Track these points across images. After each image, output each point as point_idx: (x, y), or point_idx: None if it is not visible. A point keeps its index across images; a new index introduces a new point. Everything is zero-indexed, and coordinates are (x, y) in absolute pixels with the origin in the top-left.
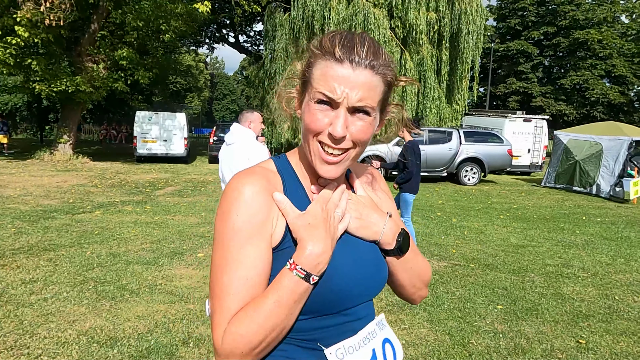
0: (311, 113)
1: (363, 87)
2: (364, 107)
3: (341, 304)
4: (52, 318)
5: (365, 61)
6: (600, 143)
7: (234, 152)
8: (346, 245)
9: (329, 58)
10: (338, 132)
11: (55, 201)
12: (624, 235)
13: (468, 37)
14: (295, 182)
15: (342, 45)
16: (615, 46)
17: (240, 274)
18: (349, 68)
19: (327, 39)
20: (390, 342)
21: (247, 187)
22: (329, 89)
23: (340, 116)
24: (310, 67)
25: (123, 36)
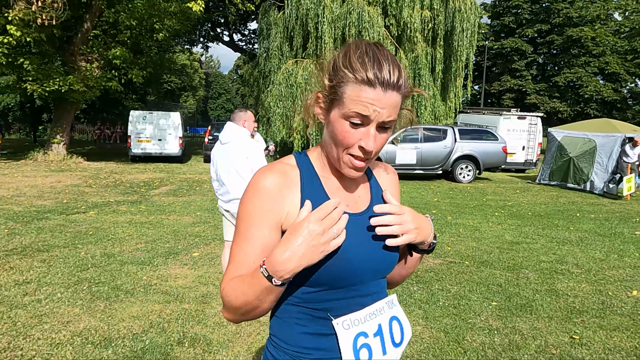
0: (344, 130)
1: (391, 106)
2: (390, 121)
3: (349, 279)
4: (45, 319)
5: (392, 83)
6: (594, 140)
7: (229, 151)
8: (358, 224)
9: (361, 81)
10: (371, 147)
11: (49, 202)
12: (617, 232)
13: (462, 35)
14: (313, 175)
15: (372, 69)
16: (609, 43)
17: (243, 247)
18: (380, 91)
19: (355, 58)
20: (399, 320)
21: (262, 179)
22: (364, 110)
23: (372, 133)
24: (341, 85)
25: (116, 35)
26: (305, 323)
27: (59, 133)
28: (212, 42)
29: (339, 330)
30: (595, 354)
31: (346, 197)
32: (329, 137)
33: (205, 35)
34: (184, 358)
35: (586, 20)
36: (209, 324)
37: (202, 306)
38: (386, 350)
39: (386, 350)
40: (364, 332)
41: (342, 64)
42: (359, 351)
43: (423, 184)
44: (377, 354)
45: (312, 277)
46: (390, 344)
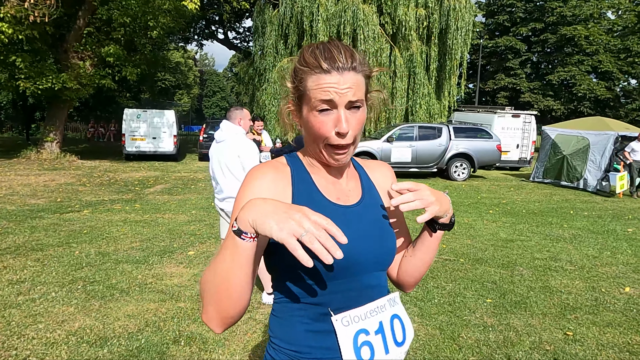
0: (317, 120)
1: (352, 86)
2: (356, 102)
3: (346, 271)
4: (40, 319)
5: (347, 65)
6: (587, 138)
7: (224, 150)
8: (352, 217)
9: (317, 71)
10: (344, 128)
11: (42, 200)
12: (610, 229)
13: (457, 34)
14: (303, 170)
15: (324, 58)
16: (602, 42)
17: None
18: (336, 75)
19: (308, 54)
20: (400, 319)
21: (256, 173)
22: (327, 95)
23: (342, 114)
24: (302, 82)
25: (110, 33)
26: (307, 320)
27: (52, 131)
28: (206, 39)
29: (338, 327)
30: (588, 350)
31: (337, 191)
32: (307, 136)
33: (200, 32)
34: (179, 357)
35: (580, 19)
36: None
37: (198, 305)
38: (389, 349)
39: (389, 349)
40: (365, 329)
41: (299, 64)
42: (360, 349)
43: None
44: (380, 353)
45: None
46: (392, 342)
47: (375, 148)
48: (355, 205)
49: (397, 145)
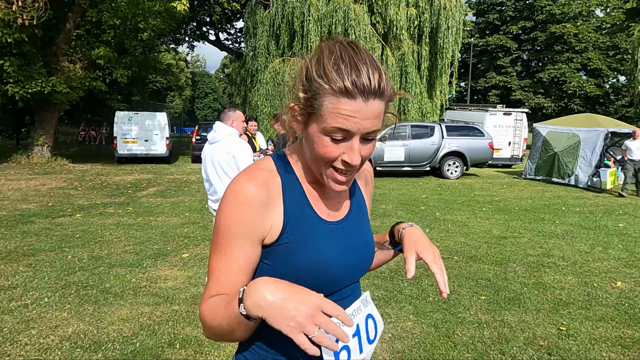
0: (324, 145)
1: (374, 116)
2: (375, 131)
3: (331, 288)
4: (33, 324)
5: (374, 90)
6: (578, 135)
7: (219, 151)
8: (340, 235)
9: (339, 93)
10: (355, 161)
11: (33, 205)
12: (601, 224)
13: (447, 33)
14: (295, 182)
15: (350, 78)
16: (591, 40)
17: (223, 264)
18: (361, 102)
19: (330, 65)
20: (373, 318)
21: (242, 191)
22: (344, 125)
23: (356, 146)
24: (317, 98)
25: (100, 35)
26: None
27: (43, 135)
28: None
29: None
30: (581, 345)
31: (327, 205)
32: (309, 152)
33: (191, 34)
34: (175, 359)
35: (569, 16)
36: (200, 325)
37: (193, 307)
38: (362, 349)
39: (362, 348)
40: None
41: (317, 74)
42: (339, 353)
43: (411, 181)
44: (355, 354)
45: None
46: (365, 341)
47: None
48: (343, 221)
49: (390, 144)
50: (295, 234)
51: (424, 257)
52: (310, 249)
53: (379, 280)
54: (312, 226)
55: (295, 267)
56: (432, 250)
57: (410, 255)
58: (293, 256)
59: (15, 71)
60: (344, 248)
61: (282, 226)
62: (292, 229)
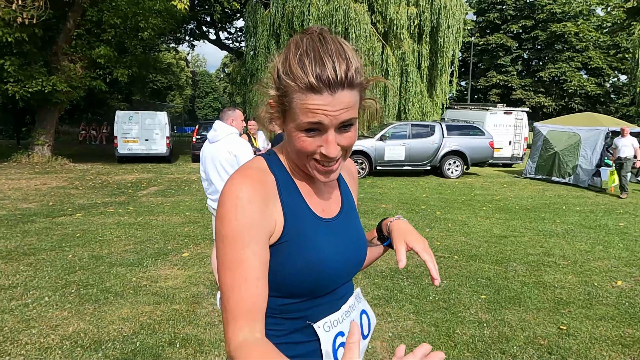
0: (301, 140)
1: (345, 107)
2: (350, 120)
3: (329, 287)
4: (33, 323)
5: (340, 81)
6: (578, 134)
7: (220, 150)
8: (334, 231)
9: (305, 89)
10: (332, 153)
11: (34, 204)
12: (602, 223)
13: (448, 32)
14: (287, 178)
15: (314, 72)
16: (591, 39)
17: (240, 274)
18: (328, 95)
19: (295, 62)
20: (367, 313)
21: (243, 192)
22: (315, 118)
23: (331, 138)
24: (287, 95)
25: (100, 34)
26: (281, 334)
27: (43, 134)
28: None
29: (321, 333)
30: (582, 344)
31: (321, 201)
32: (290, 147)
33: (191, 33)
34: (175, 359)
35: (569, 15)
36: (200, 324)
37: (193, 306)
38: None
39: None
40: (342, 331)
41: (283, 72)
42: (337, 350)
43: (412, 180)
44: None
45: (290, 289)
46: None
47: (368, 147)
48: (337, 217)
49: (390, 143)
50: (294, 231)
51: (414, 247)
52: (309, 248)
53: (379, 279)
54: (310, 223)
55: (293, 267)
56: (421, 240)
57: (400, 246)
58: (290, 257)
59: (16, 70)
60: (340, 245)
61: (283, 224)
62: (291, 226)
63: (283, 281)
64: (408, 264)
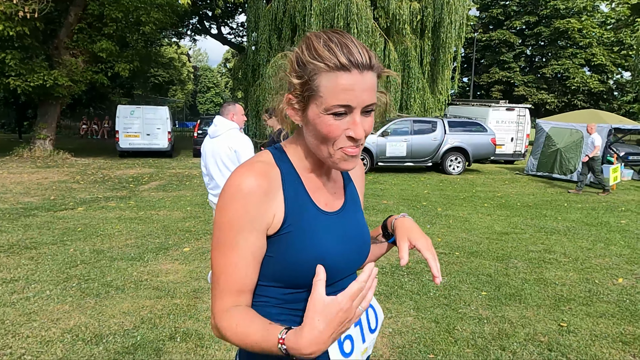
0: (328, 124)
1: (370, 88)
2: (373, 104)
3: (331, 278)
4: (35, 317)
5: (366, 63)
6: (581, 131)
7: (219, 145)
8: (337, 225)
9: (335, 68)
10: (360, 134)
11: (35, 198)
12: (603, 221)
13: (450, 27)
14: (293, 173)
15: (343, 52)
16: (595, 35)
17: (231, 260)
18: (357, 74)
19: (321, 47)
20: (373, 307)
21: (244, 183)
22: (345, 100)
23: (357, 119)
24: (314, 79)
25: (102, 28)
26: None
27: (45, 128)
28: (200, 35)
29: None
30: (582, 341)
31: (325, 195)
32: (312, 137)
33: (193, 28)
34: (176, 353)
35: (573, 12)
36: (201, 318)
37: (194, 301)
38: (365, 338)
39: (365, 337)
40: None
41: (310, 57)
42: (343, 344)
43: (413, 176)
44: (358, 343)
45: (294, 280)
46: (367, 331)
47: (370, 142)
48: (340, 211)
49: (392, 139)
50: (295, 224)
51: (417, 245)
52: (310, 239)
53: (380, 275)
54: (312, 216)
55: (294, 259)
56: (424, 238)
57: (403, 243)
58: (293, 246)
59: (17, 64)
60: (342, 238)
61: (284, 216)
62: (292, 219)
63: (286, 271)
64: (409, 260)
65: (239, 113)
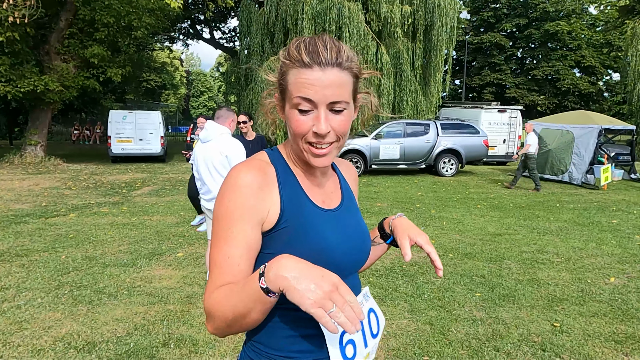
0: (295, 118)
1: (334, 84)
2: (340, 102)
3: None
4: (26, 325)
5: (330, 61)
6: (572, 132)
7: (211, 149)
8: (337, 221)
9: (299, 65)
10: (322, 129)
11: (27, 205)
12: (595, 221)
13: (442, 30)
14: (288, 172)
15: (307, 52)
16: (584, 37)
17: (225, 250)
18: (318, 70)
19: (293, 48)
20: (375, 312)
21: (241, 176)
22: (306, 93)
23: (321, 115)
24: (284, 76)
25: (93, 33)
26: (289, 325)
27: (36, 134)
28: (192, 39)
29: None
30: (575, 340)
31: (321, 194)
32: (289, 133)
33: (186, 32)
34: (169, 359)
35: (562, 14)
36: (195, 324)
37: (188, 307)
38: (367, 343)
39: (367, 342)
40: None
41: (283, 57)
42: (345, 348)
43: (407, 179)
44: (360, 348)
45: None
46: (369, 336)
47: (363, 145)
48: (338, 209)
49: (385, 142)
50: (293, 219)
51: (418, 241)
52: (311, 234)
53: (374, 277)
54: (310, 212)
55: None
56: (423, 235)
57: (404, 241)
58: (293, 242)
59: (7, 70)
60: (343, 234)
61: (280, 212)
62: (289, 214)
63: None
64: (402, 262)
65: (235, 120)
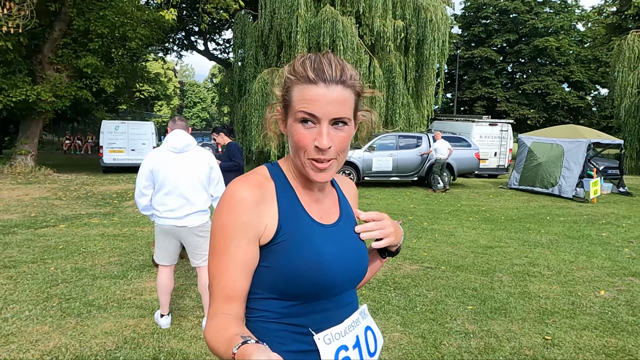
0: (298, 132)
1: (337, 101)
2: (342, 118)
3: (328, 291)
4: (12, 339)
5: (335, 78)
6: (561, 145)
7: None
8: (334, 237)
9: (304, 81)
10: (324, 144)
11: (15, 215)
12: (585, 234)
13: (434, 44)
14: (288, 187)
15: (313, 68)
16: (573, 53)
17: (223, 265)
18: (322, 87)
19: (298, 64)
20: (372, 330)
21: (238, 191)
22: (310, 108)
23: (324, 130)
24: (289, 91)
25: (87, 44)
26: (286, 341)
27: (27, 144)
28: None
29: (321, 346)
30: (566, 354)
31: (319, 209)
32: (291, 147)
33: (180, 43)
34: None
35: (551, 30)
36: (186, 337)
37: (179, 320)
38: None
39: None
40: (345, 345)
41: (288, 72)
42: None
43: (399, 191)
44: None
45: (292, 290)
46: (367, 354)
47: (356, 157)
48: (336, 224)
49: (378, 154)
50: (290, 234)
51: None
52: (307, 249)
53: (366, 290)
54: (307, 227)
55: (292, 268)
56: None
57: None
58: (290, 256)
59: None
60: (340, 249)
61: (277, 226)
62: (287, 229)
63: (284, 281)
64: (395, 275)
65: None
